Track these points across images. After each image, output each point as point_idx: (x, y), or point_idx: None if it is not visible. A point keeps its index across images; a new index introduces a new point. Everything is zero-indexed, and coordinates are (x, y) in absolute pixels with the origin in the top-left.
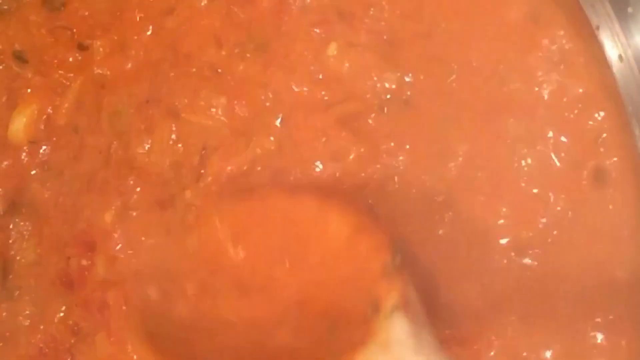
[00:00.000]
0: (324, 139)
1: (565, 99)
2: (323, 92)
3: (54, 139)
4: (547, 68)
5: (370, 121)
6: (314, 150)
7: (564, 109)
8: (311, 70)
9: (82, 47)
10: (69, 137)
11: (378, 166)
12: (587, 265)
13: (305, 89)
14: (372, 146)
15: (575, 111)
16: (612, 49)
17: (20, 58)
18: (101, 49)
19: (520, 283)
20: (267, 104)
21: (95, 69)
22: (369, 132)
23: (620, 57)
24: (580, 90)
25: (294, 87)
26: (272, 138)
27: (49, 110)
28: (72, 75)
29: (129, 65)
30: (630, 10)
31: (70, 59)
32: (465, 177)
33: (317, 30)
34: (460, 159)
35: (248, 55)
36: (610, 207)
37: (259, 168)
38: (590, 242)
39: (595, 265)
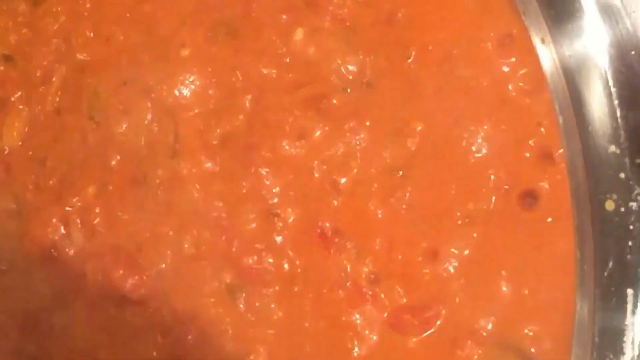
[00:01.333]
0: (291, 119)
1: (511, 85)
2: (290, 75)
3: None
4: (495, 55)
5: (334, 101)
6: (282, 128)
7: (509, 93)
8: (279, 54)
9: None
10: (51, 120)
11: (341, 144)
12: (528, 238)
13: (273, 71)
14: (336, 125)
15: (520, 95)
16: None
17: (7, 58)
18: (81, 39)
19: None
20: (238, 85)
21: (77, 55)
22: (333, 111)
23: (542, 40)
24: (524, 72)
25: (263, 70)
26: (241, 117)
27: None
28: (57, 65)
29: (108, 50)
30: None
31: (54, 48)
32: (421, 154)
33: (284, 17)
34: (417, 136)
35: (220, 39)
36: (547, 186)
37: (229, 145)
38: (528, 214)
39: (533, 235)
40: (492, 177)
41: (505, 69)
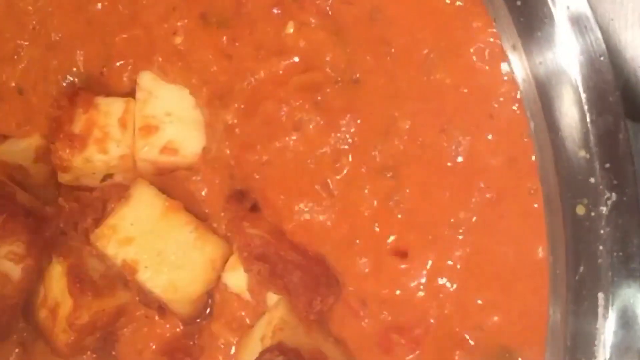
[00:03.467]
0: (286, 108)
1: (495, 100)
2: (286, 65)
3: None
4: (472, 60)
5: (328, 91)
6: (278, 120)
7: (496, 108)
8: (274, 45)
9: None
10: (14, 98)
11: (332, 142)
12: (511, 243)
13: (270, 62)
14: (330, 119)
15: (499, 101)
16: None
17: None
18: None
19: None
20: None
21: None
22: (327, 105)
23: (513, 46)
24: (506, 86)
25: (259, 59)
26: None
27: None
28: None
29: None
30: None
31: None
32: (409, 154)
33: (276, 11)
34: (405, 136)
35: (213, 27)
36: (532, 191)
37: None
38: (513, 224)
39: (518, 244)
40: (481, 187)
41: (488, 81)
